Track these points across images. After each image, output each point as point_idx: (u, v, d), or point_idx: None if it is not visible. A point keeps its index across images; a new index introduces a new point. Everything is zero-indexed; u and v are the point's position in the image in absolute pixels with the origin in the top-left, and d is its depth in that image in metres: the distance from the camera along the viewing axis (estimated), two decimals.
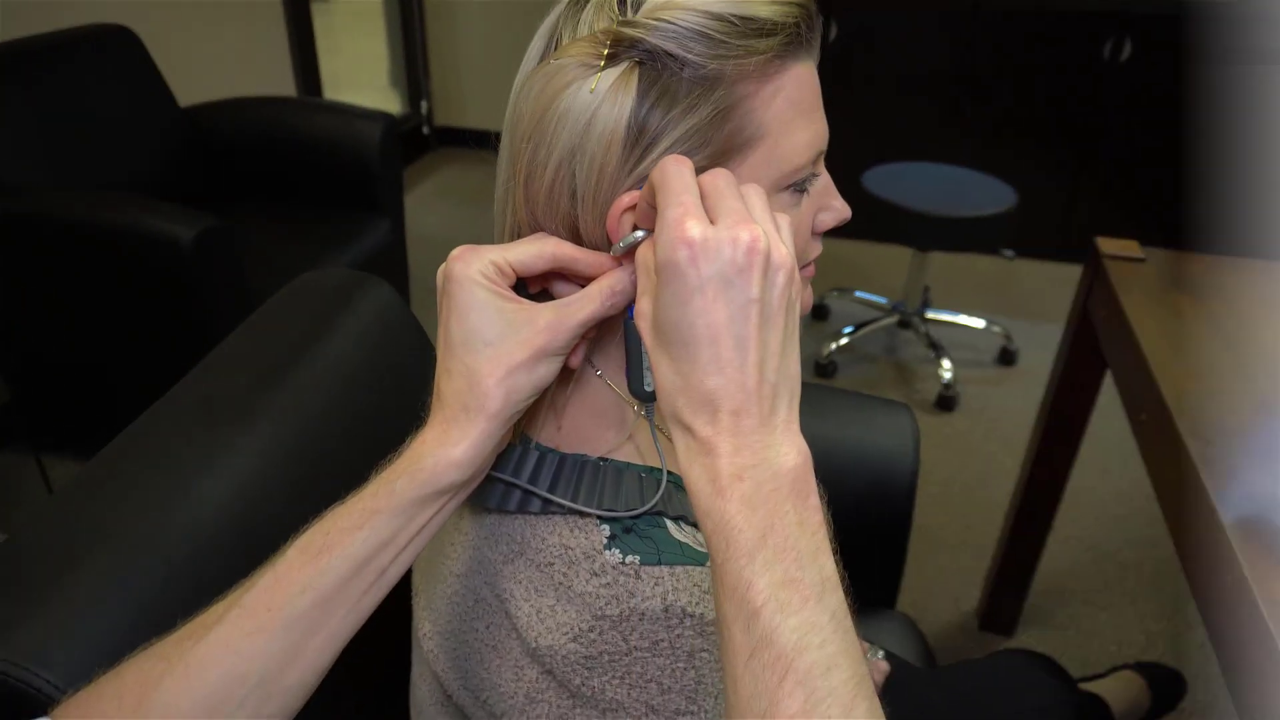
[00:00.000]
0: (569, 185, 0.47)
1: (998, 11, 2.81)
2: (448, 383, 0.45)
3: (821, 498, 0.40)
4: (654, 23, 0.45)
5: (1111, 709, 1.09)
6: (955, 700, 0.89)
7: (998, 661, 0.99)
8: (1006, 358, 2.57)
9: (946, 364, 2.39)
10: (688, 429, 0.40)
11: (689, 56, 0.45)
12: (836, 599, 0.38)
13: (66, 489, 0.63)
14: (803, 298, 0.51)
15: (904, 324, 2.63)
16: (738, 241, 0.39)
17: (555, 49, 0.48)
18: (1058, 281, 3.03)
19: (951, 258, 3.03)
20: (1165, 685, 1.25)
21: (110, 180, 1.96)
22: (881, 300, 2.71)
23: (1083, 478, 2.02)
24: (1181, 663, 1.61)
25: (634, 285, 0.47)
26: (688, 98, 0.45)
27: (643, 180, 0.46)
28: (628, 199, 0.46)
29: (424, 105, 3.95)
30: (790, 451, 0.40)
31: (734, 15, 0.45)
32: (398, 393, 0.83)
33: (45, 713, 0.44)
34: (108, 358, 1.84)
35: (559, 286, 0.50)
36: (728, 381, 0.39)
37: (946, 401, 2.36)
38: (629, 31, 0.45)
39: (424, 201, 3.48)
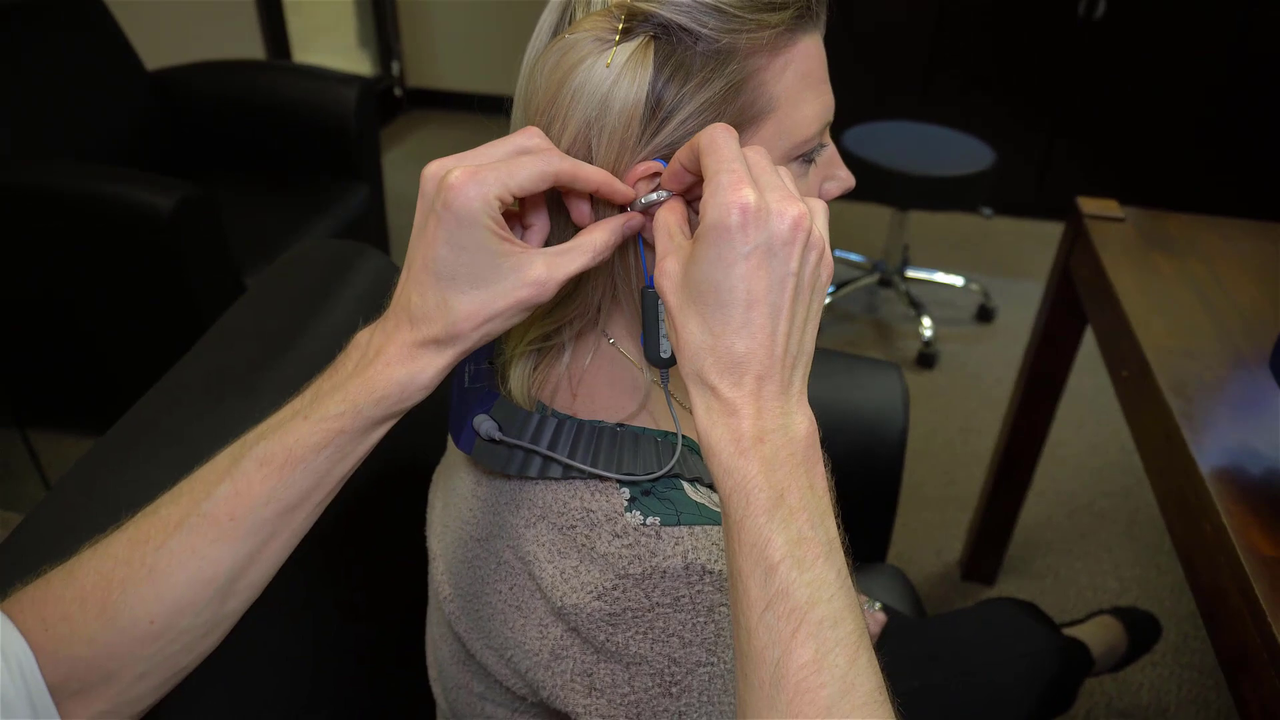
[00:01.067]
0: (584, 158, 0.48)
1: None
2: (420, 303, 0.45)
3: (826, 465, 0.42)
4: None
5: (1092, 652, 1.14)
6: (947, 648, 0.93)
7: (986, 610, 1.02)
8: (985, 315, 2.61)
9: (927, 322, 2.42)
10: (712, 389, 0.41)
11: (703, 30, 0.45)
12: (840, 558, 0.40)
13: (79, 467, 0.63)
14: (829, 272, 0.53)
15: (884, 283, 2.66)
16: (785, 215, 0.40)
17: (569, 23, 0.48)
18: (1034, 238, 3.07)
19: (930, 216, 3.05)
20: (1141, 628, 1.30)
21: (79, 149, 1.92)
22: (861, 259, 2.73)
23: (1060, 432, 2.08)
24: (1154, 607, 1.68)
25: (619, 240, 0.48)
26: (702, 71, 0.46)
27: (658, 151, 0.47)
28: (643, 168, 0.47)
29: (395, 66, 3.88)
30: (803, 420, 0.42)
31: None
32: None
33: None
34: (88, 330, 1.81)
35: (538, 225, 0.50)
36: (757, 347, 0.41)
37: (927, 359, 2.39)
38: (643, 6, 0.45)
39: (399, 165, 3.44)
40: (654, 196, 0.47)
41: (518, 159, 0.45)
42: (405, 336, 0.45)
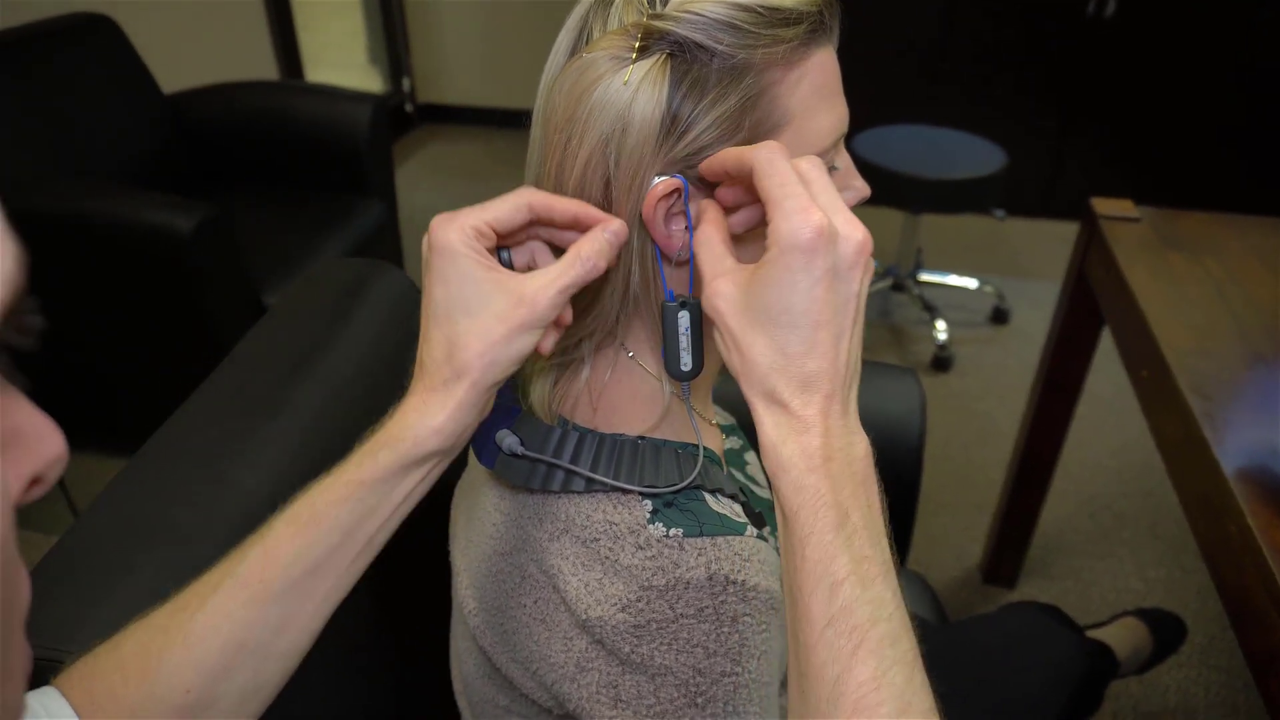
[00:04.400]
0: (602, 173, 0.48)
1: None
2: (428, 352, 0.46)
3: (879, 486, 0.43)
4: (683, 15, 0.46)
5: (1117, 655, 1.13)
6: (972, 654, 0.92)
7: (1009, 615, 1.02)
8: (1000, 316, 2.60)
9: (941, 325, 2.41)
10: (783, 405, 0.42)
11: (718, 47, 0.46)
12: (894, 578, 0.41)
13: (112, 489, 0.64)
14: None
15: (898, 287, 2.65)
16: (851, 239, 0.41)
17: (586, 43, 0.49)
18: (1047, 238, 3.05)
19: (942, 219, 3.05)
20: (1166, 630, 1.29)
21: (98, 172, 1.95)
22: (874, 264, 2.72)
23: (1078, 432, 2.06)
24: (1179, 607, 1.66)
25: (611, 249, 0.48)
26: (717, 86, 0.47)
27: (674, 165, 0.48)
28: (661, 187, 0.48)
29: (406, 82, 3.92)
30: (862, 440, 0.42)
31: (760, 6, 0.46)
32: None
33: (48, 682, 0.45)
34: (109, 350, 1.84)
35: (541, 259, 0.51)
36: (827, 366, 0.41)
37: (942, 362, 2.39)
38: (659, 24, 0.46)
39: (412, 179, 3.47)
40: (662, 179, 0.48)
41: (494, 200, 0.47)
42: (419, 385, 0.47)
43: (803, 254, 0.40)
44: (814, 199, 0.41)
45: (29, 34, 1.90)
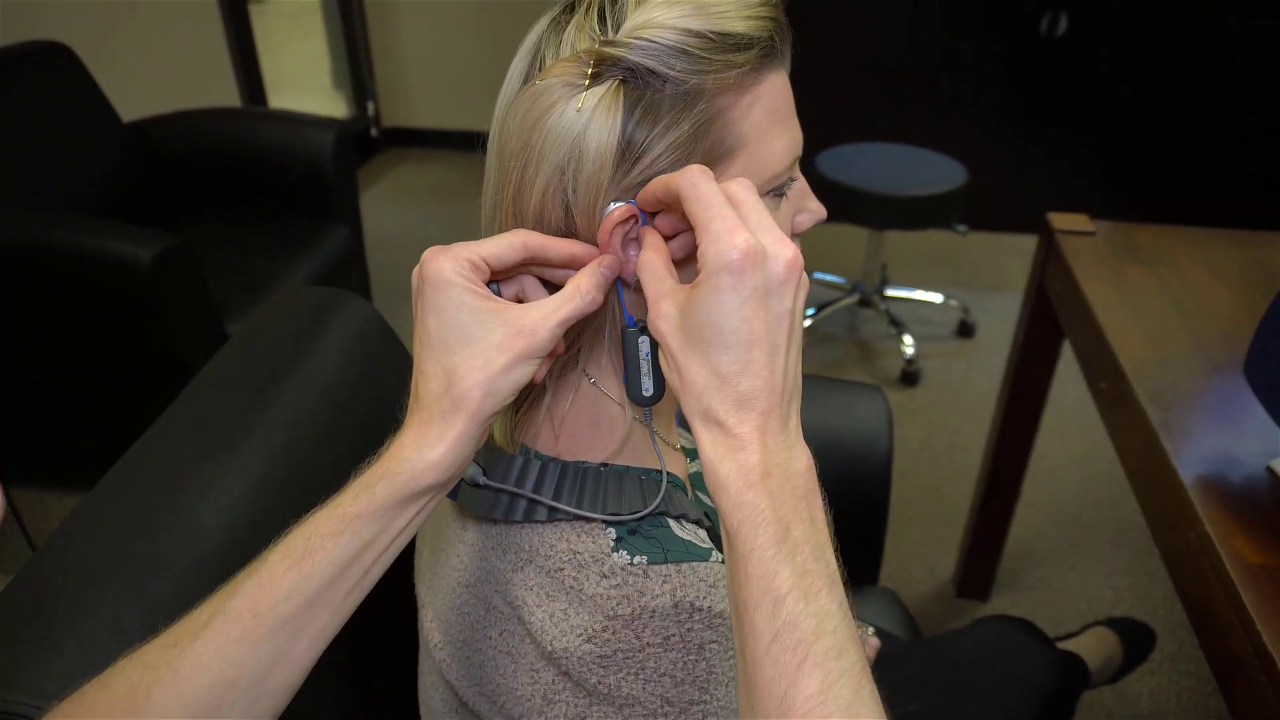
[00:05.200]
0: (561, 200, 0.48)
1: None
2: (424, 383, 0.46)
3: (823, 498, 0.43)
4: (635, 41, 0.46)
5: (1088, 665, 1.14)
6: (943, 669, 0.92)
7: (980, 629, 1.02)
8: (965, 330, 2.63)
9: (908, 340, 2.44)
10: (719, 425, 0.42)
11: (670, 73, 0.46)
12: (840, 590, 0.41)
13: (71, 521, 0.63)
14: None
15: (864, 303, 2.68)
16: (780, 257, 0.41)
17: (539, 69, 0.49)
18: (1010, 252, 3.10)
19: (906, 235, 3.09)
20: (1136, 639, 1.30)
21: (56, 202, 1.92)
22: (840, 280, 2.75)
23: (1043, 443, 2.08)
24: (1148, 615, 1.68)
25: (606, 283, 0.48)
26: (670, 112, 0.47)
27: (628, 191, 0.48)
28: (618, 213, 0.48)
29: (370, 106, 3.90)
30: (803, 454, 0.43)
31: (711, 31, 0.47)
32: (384, 406, 0.84)
33: None
34: (70, 384, 1.80)
35: (532, 293, 0.51)
36: (762, 385, 0.41)
37: (910, 376, 2.41)
38: (611, 51, 0.46)
39: (377, 204, 3.45)
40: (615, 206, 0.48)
41: (489, 238, 0.47)
42: (415, 418, 0.46)
43: (730, 274, 0.41)
44: (743, 220, 0.42)
45: None
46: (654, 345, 0.51)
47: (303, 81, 4.70)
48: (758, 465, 0.41)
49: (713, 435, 0.42)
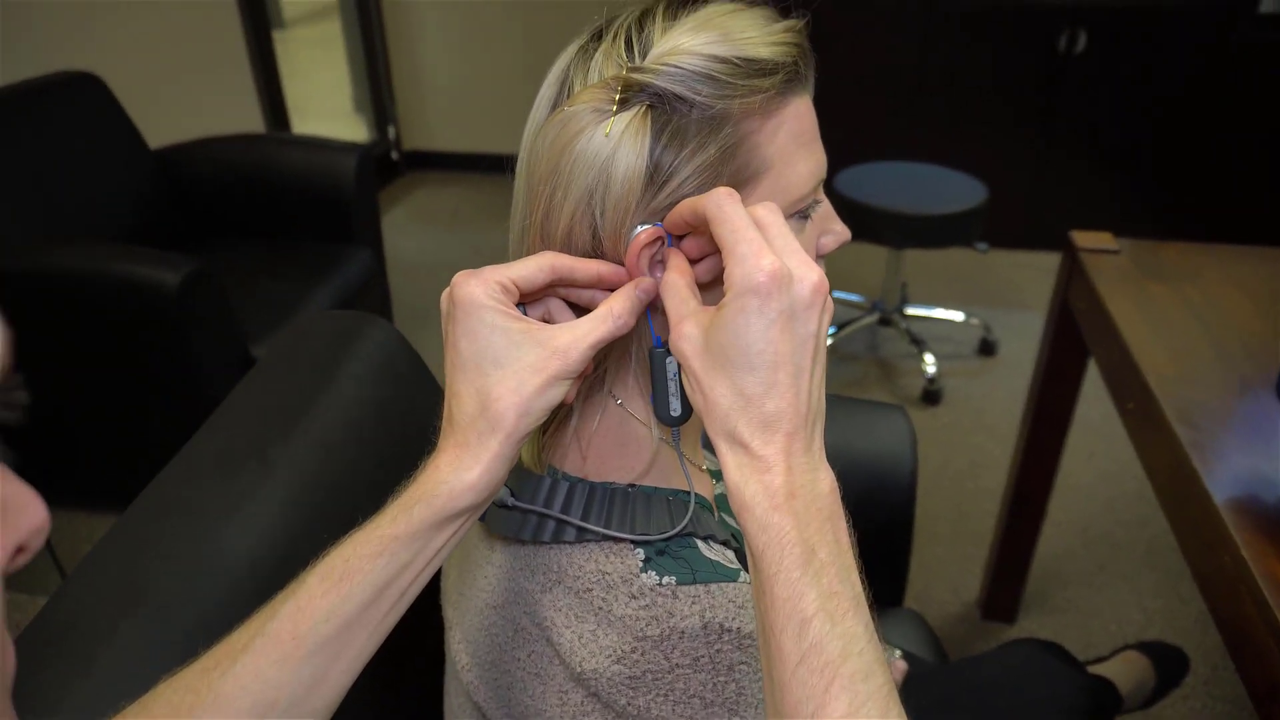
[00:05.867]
0: (589, 223, 0.49)
1: (953, 10, 2.87)
2: (458, 406, 0.46)
3: (847, 520, 0.43)
4: (662, 68, 0.47)
5: (1120, 690, 1.12)
6: (972, 694, 0.91)
7: (1008, 653, 1.01)
8: (987, 348, 2.61)
9: (929, 358, 2.42)
10: (744, 446, 0.42)
11: (697, 98, 0.47)
12: (866, 611, 0.41)
13: (101, 549, 0.63)
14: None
15: (884, 321, 2.67)
16: (806, 280, 0.42)
17: (567, 96, 0.50)
18: (1031, 269, 3.08)
19: (926, 253, 3.08)
20: (1169, 663, 1.28)
21: (86, 229, 1.95)
22: (860, 299, 2.75)
23: (1069, 461, 2.07)
24: (1180, 638, 1.65)
25: (640, 306, 0.49)
26: (697, 136, 0.47)
27: (656, 214, 0.48)
28: (645, 236, 0.48)
29: (391, 130, 3.95)
30: (827, 476, 0.43)
31: (737, 57, 0.47)
32: (409, 430, 0.85)
33: None
34: (97, 407, 1.82)
35: (558, 314, 0.52)
36: (787, 406, 0.42)
37: (932, 395, 2.39)
38: (638, 77, 0.47)
39: (398, 226, 3.48)
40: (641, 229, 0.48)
41: (517, 261, 0.48)
42: (450, 440, 0.46)
43: (757, 297, 0.41)
44: (769, 243, 0.42)
45: (15, 94, 1.92)
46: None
47: (325, 107, 4.77)
48: (783, 487, 0.41)
49: (738, 457, 0.42)
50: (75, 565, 0.63)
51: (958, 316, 2.67)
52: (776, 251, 0.42)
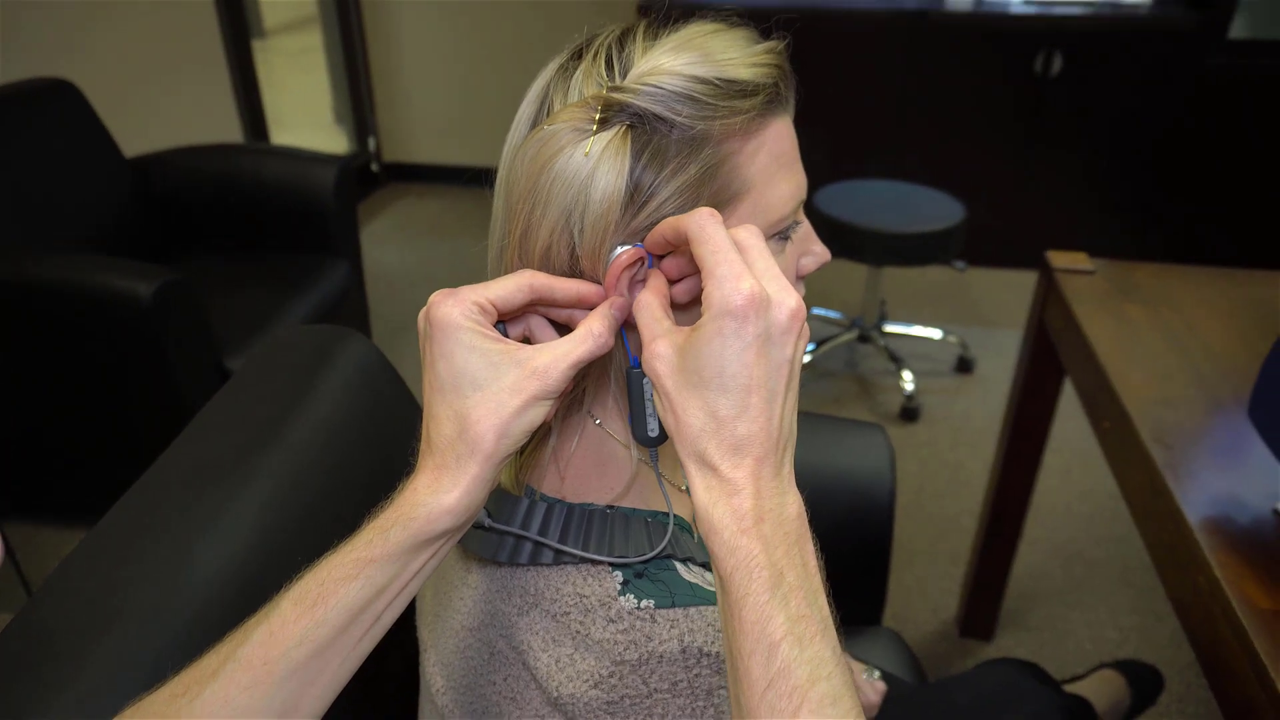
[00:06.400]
0: (567, 242, 0.48)
1: (932, 31, 2.91)
2: (436, 428, 0.45)
3: (815, 544, 0.43)
4: (642, 87, 0.47)
5: (1096, 709, 1.12)
6: (950, 714, 0.91)
7: (986, 673, 1.01)
8: (964, 366, 2.63)
9: (907, 375, 2.44)
10: (713, 469, 0.42)
11: (677, 119, 0.47)
12: (834, 635, 0.41)
13: (69, 564, 0.62)
14: None
15: (863, 338, 2.68)
16: (784, 305, 0.42)
17: (547, 115, 0.49)
18: (1008, 287, 3.11)
19: (904, 271, 3.10)
20: (1144, 681, 1.29)
21: (59, 239, 1.92)
22: (839, 316, 2.76)
23: (1045, 479, 2.08)
24: (1154, 655, 1.66)
25: (618, 324, 0.48)
26: (677, 157, 0.47)
27: (636, 235, 0.48)
28: (625, 257, 0.48)
29: (371, 142, 3.94)
30: (794, 500, 0.42)
31: (718, 78, 0.47)
32: (386, 445, 0.84)
33: None
34: (69, 419, 1.79)
35: (540, 332, 0.51)
36: (758, 430, 0.41)
37: (910, 412, 2.40)
38: (618, 96, 0.47)
39: (378, 238, 3.46)
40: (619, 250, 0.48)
41: (496, 280, 0.47)
42: (428, 463, 0.45)
43: (734, 319, 0.41)
44: (749, 266, 0.42)
45: None
46: None
47: (304, 117, 4.75)
48: (751, 511, 0.41)
49: (706, 479, 0.42)
50: (42, 581, 0.62)
51: (936, 334, 2.69)
52: (756, 275, 0.42)
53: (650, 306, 0.46)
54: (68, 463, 1.87)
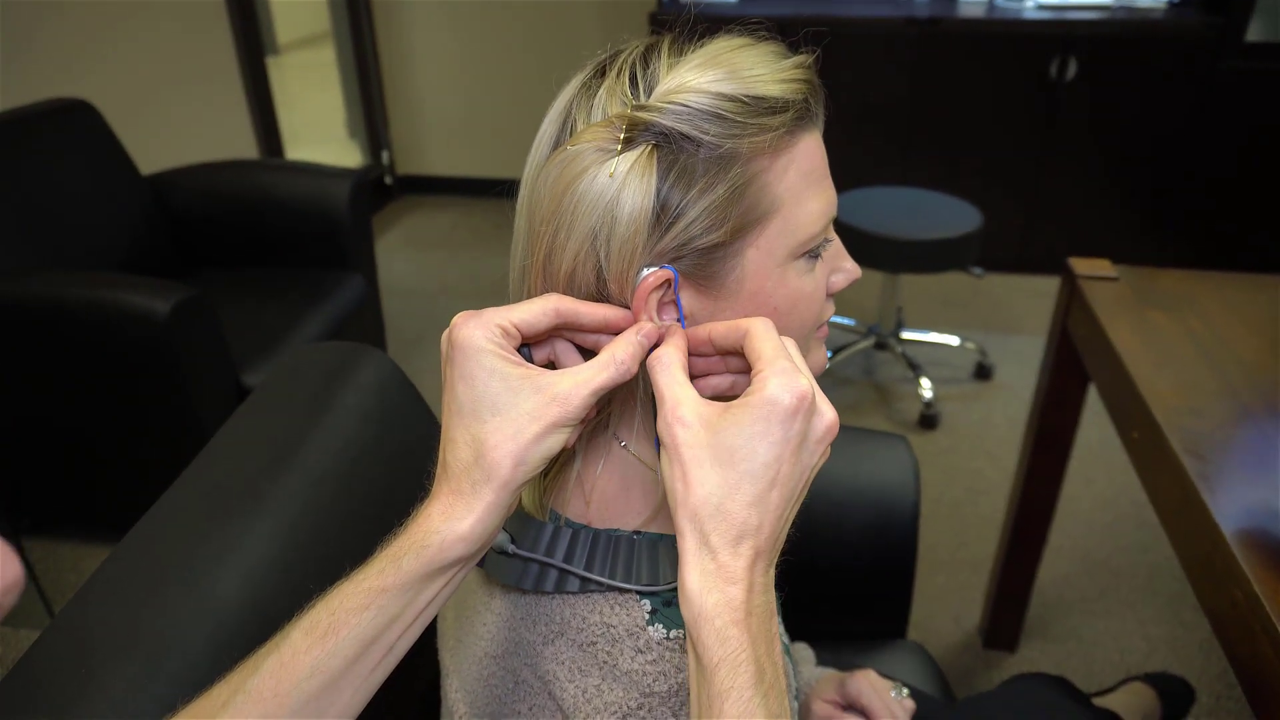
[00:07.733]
0: (593, 265, 0.47)
1: (947, 36, 2.89)
2: (453, 452, 0.44)
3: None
4: (667, 106, 0.46)
5: None
6: None
7: (1015, 689, 0.99)
8: (983, 373, 2.61)
9: (925, 383, 2.42)
10: (713, 552, 0.41)
11: (704, 138, 0.46)
12: None
13: (85, 591, 0.61)
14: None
15: (880, 345, 2.66)
16: (825, 415, 0.43)
17: (570, 134, 0.49)
18: (1026, 293, 3.09)
19: (921, 278, 3.08)
20: (1174, 694, 1.26)
21: (78, 257, 1.93)
22: (856, 324, 2.74)
23: (1069, 487, 2.05)
24: (1183, 665, 1.63)
25: (642, 352, 0.47)
26: (705, 177, 0.46)
27: (664, 256, 0.47)
28: (652, 279, 0.47)
29: (385, 155, 3.95)
30: (772, 599, 0.44)
31: (745, 95, 0.46)
32: (406, 466, 0.83)
33: None
34: (87, 436, 1.80)
35: (565, 357, 0.51)
36: (765, 524, 0.42)
37: (929, 420, 2.38)
38: (643, 115, 0.46)
39: (392, 251, 3.47)
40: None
41: (520, 303, 0.47)
42: (444, 488, 0.45)
43: (784, 411, 0.41)
44: (801, 367, 0.43)
45: (8, 121, 1.91)
46: None
47: (318, 132, 4.78)
48: (744, 604, 0.41)
49: (703, 563, 0.41)
50: (63, 604, 0.61)
51: (954, 341, 2.67)
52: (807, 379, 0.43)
53: (671, 365, 0.45)
54: (86, 479, 1.88)
